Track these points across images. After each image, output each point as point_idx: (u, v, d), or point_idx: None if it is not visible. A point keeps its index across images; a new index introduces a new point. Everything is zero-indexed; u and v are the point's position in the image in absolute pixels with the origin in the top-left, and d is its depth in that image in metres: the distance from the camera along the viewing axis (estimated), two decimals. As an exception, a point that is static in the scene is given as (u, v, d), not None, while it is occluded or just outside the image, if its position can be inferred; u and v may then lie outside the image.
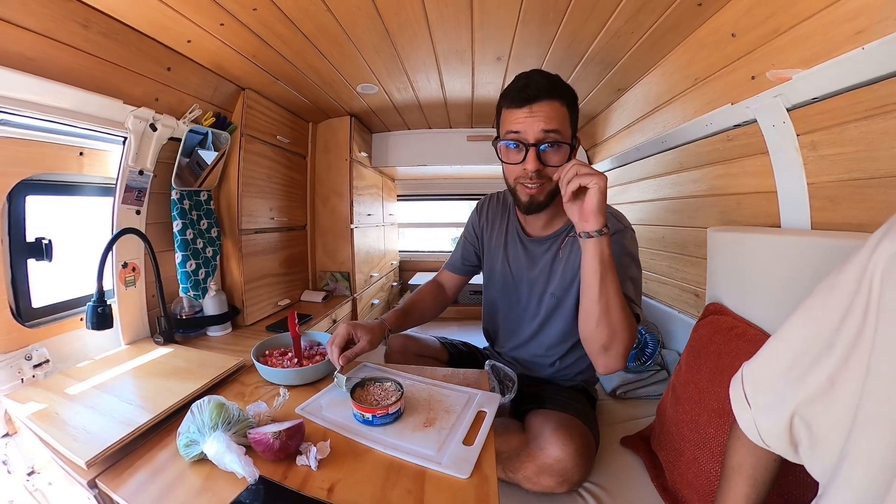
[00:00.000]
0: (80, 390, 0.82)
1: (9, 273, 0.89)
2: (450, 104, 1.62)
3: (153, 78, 1.04)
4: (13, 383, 0.84)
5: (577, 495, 0.83)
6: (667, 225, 1.34)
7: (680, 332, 1.29)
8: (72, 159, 1.00)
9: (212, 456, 0.57)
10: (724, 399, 0.74)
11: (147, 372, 0.93)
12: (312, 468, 0.57)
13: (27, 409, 0.74)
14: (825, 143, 0.78)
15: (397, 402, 0.69)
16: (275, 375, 0.84)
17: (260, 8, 0.89)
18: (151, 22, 0.92)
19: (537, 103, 0.73)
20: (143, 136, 1.04)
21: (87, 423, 0.69)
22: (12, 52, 0.75)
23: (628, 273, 0.79)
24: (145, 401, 0.76)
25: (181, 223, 1.16)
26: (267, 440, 0.58)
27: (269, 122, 1.47)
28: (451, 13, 0.94)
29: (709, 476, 0.73)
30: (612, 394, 1.19)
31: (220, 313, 1.22)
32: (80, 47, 0.85)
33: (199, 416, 0.61)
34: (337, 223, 1.79)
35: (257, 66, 1.18)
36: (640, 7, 0.89)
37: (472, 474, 0.56)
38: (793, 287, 0.76)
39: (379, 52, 1.13)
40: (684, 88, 1.06)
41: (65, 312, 1.02)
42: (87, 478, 0.57)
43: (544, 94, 0.73)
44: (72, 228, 1.09)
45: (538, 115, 0.73)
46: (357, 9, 0.92)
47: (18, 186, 0.89)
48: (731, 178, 1.05)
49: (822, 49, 0.71)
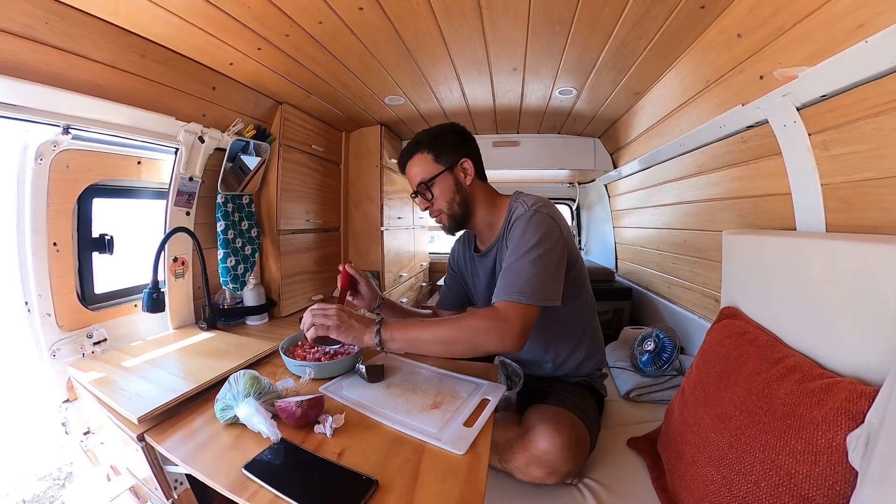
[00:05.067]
0: (133, 364, 0.98)
1: (76, 263, 1.09)
2: (473, 112, 1.76)
3: (200, 96, 1.26)
4: (76, 357, 1.04)
5: (576, 490, 0.89)
6: (688, 229, 1.38)
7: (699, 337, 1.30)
8: (131, 167, 1.23)
9: (242, 417, 0.69)
10: (726, 404, 0.78)
11: (191, 351, 1.11)
12: (328, 435, 0.69)
13: (89, 377, 0.89)
14: (837, 142, 0.80)
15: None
16: (298, 367, 0.92)
17: (292, 34, 1.08)
18: (198, 49, 1.10)
19: (406, 169, 1.06)
20: (193, 147, 1.27)
21: (140, 389, 0.83)
22: (84, 80, 0.95)
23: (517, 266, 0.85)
24: (189, 374, 0.91)
25: (224, 224, 1.38)
26: (290, 408, 0.70)
27: (305, 133, 1.69)
28: (464, 31, 1.08)
29: (705, 480, 0.74)
30: (626, 396, 1.24)
31: (258, 304, 1.42)
32: (139, 73, 1.05)
33: (234, 385, 0.74)
34: (368, 225, 2.00)
35: (292, 83, 1.39)
36: (643, 14, 0.96)
37: (467, 452, 0.65)
38: (807, 292, 0.78)
39: (402, 67, 1.30)
40: (697, 91, 1.12)
41: (121, 299, 1.25)
42: (136, 432, 0.70)
43: (406, 159, 1.05)
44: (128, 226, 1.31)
45: (409, 177, 1.06)
46: (377, 30, 1.08)
47: (87, 190, 1.10)
48: (747, 181, 1.08)
49: (826, 45, 0.73)
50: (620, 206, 2.06)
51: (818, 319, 0.75)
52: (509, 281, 0.84)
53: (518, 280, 0.83)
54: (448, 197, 1.01)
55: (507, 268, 0.87)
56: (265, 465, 0.61)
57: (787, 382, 0.70)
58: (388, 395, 0.85)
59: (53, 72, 0.88)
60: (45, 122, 0.94)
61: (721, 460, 0.72)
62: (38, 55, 0.85)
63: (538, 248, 0.86)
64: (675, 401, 1.01)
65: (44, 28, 0.84)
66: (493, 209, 1.05)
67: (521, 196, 1.00)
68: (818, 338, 0.74)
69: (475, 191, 1.04)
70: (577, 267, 1.03)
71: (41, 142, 0.96)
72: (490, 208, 1.05)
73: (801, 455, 0.60)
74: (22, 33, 0.81)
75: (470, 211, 1.04)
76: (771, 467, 0.63)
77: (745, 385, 0.78)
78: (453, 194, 1.01)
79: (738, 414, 0.74)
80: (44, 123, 0.95)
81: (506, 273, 0.86)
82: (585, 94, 1.46)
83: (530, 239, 0.87)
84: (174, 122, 1.17)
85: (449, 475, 0.60)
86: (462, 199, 1.02)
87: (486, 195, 1.05)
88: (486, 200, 1.05)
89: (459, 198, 1.01)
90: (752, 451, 0.67)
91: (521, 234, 0.89)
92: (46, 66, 0.87)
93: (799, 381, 0.69)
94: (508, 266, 0.87)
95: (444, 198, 1.01)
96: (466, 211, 1.03)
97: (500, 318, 0.80)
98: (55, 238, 1.02)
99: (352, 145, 2.02)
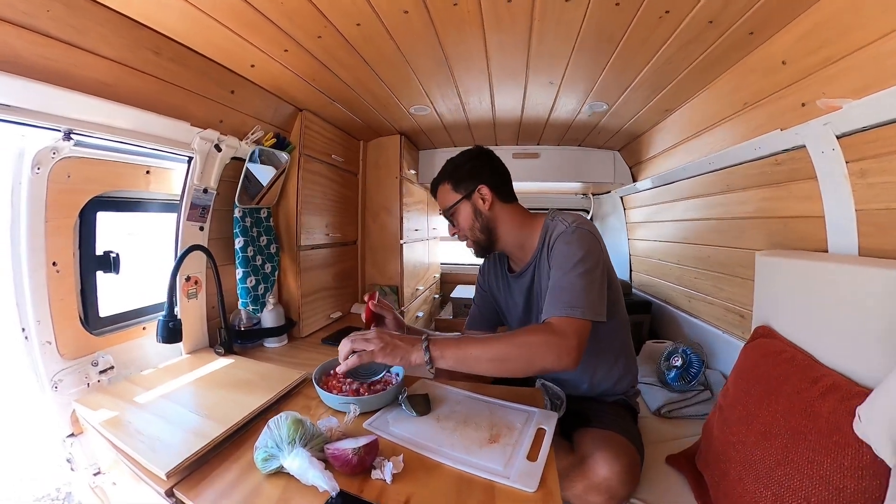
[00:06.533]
0: (147, 399, 0.91)
1: (78, 284, 1.01)
2: (498, 123, 1.75)
3: (218, 101, 1.17)
4: (80, 387, 0.95)
5: None
6: (712, 245, 1.44)
7: (724, 351, 1.37)
8: (139, 177, 1.14)
9: (294, 471, 0.63)
10: (771, 422, 0.81)
11: (211, 382, 1.03)
12: (387, 482, 0.63)
13: (99, 416, 0.82)
14: (875, 170, 0.86)
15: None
16: (342, 404, 0.86)
17: (324, 35, 1.02)
18: (218, 47, 1.03)
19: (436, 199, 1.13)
20: (208, 156, 1.18)
21: (160, 433, 0.76)
22: (89, 79, 0.85)
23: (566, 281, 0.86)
24: (213, 412, 0.83)
25: (243, 240, 1.29)
26: (346, 456, 0.64)
27: (324, 142, 1.62)
28: (508, 42, 1.07)
29: (754, 497, 0.76)
30: (657, 412, 1.28)
31: (277, 326, 1.35)
32: (151, 73, 0.96)
33: (276, 432, 0.67)
34: (386, 238, 1.95)
35: (316, 88, 1.32)
36: (694, 37, 0.99)
37: (538, 488, 0.63)
38: (840, 313, 0.83)
39: (435, 75, 1.26)
40: (733, 112, 1.16)
41: (128, 322, 1.15)
42: (164, 487, 0.63)
43: (433, 190, 1.13)
44: (133, 240, 1.23)
45: (438, 205, 1.13)
46: (418, 36, 1.04)
47: (90, 203, 1.02)
48: (778, 202, 1.14)
49: (874, 79, 0.78)
50: (636, 218, 2.13)
51: (852, 340, 0.80)
52: (560, 296, 0.84)
53: (569, 295, 0.84)
54: (469, 224, 1.05)
55: (554, 284, 0.87)
56: None
57: (828, 400, 0.75)
58: (440, 429, 0.81)
59: (54, 68, 0.79)
60: (44, 126, 0.85)
61: (770, 477, 0.75)
62: (38, 48, 0.75)
63: (584, 263, 0.87)
64: (712, 419, 1.04)
65: (45, 17, 0.74)
66: (523, 229, 1.05)
67: (559, 214, 1.01)
68: (853, 357, 0.79)
69: (498, 214, 1.05)
70: (614, 284, 1.05)
71: (39, 148, 0.86)
72: (519, 229, 1.05)
73: (848, 471, 0.64)
74: (19, 22, 0.71)
75: (494, 235, 1.06)
76: (820, 483, 0.67)
77: (787, 403, 0.82)
78: (473, 221, 1.05)
79: (783, 432, 0.78)
80: (42, 127, 0.85)
81: (554, 289, 0.87)
82: (616, 110, 1.49)
83: (575, 254, 0.88)
84: (189, 128, 1.09)
85: None
86: (483, 225, 1.05)
87: (513, 216, 1.06)
88: (513, 221, 1.06)
89: (480, 224, 1.05)
90: (801, 468, 0.70)
91: (565, 250, 0.90)
92: (46, 60, 0.77)
93: (840, 400, 0.73)
94: (556, 282, 0.87)
95: (466, 225, 1.06)
96: (490, 235, 1.06)
97: (557, 333, 0.80)
98: (55, 257, 0.93)
99: (370, 155, 1.97)
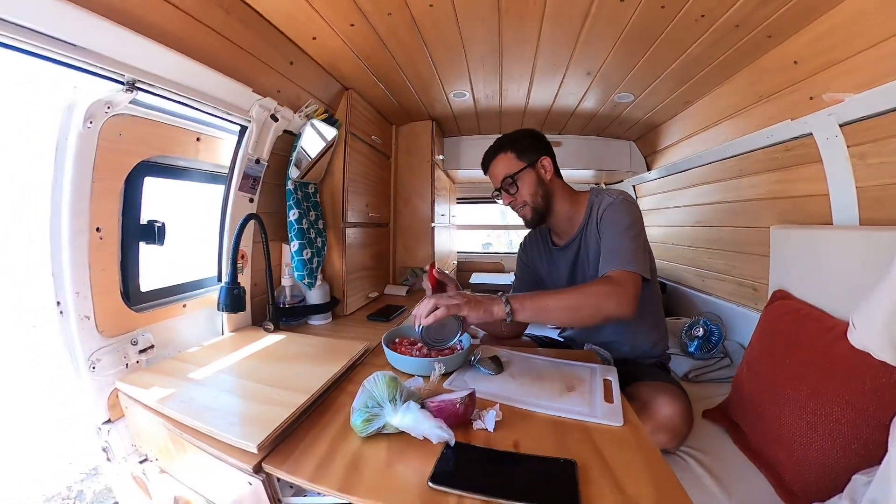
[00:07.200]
0: (205, 375, 0.86)
1: (119, 255, 0.92)
2: (528, 111, 1.86)
3: (278, 70, 1.17)
4: (118, 368, 0.87)
5: (678, 457, 1.01)
6: (726, 226, 1.61)
7: (739, 324, 1.53)
8: (189, 144, 1.09)
9: (406, 425, 0.63)
10: (797, 365, 0.95)
11: (270, 356, 0.99)
12: (490, 430, 0.67)
13: (153, 395, 0.75)
14: (872, 153, 1.03)
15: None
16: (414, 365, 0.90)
17: (395, 13, 1.06)
18: (285, 14, 1.02)
19: (489, 169, 1.19)
20: (264, 125, 1.16)
21: (231, 406, 0.72)
22: (159, 27, 0.77)
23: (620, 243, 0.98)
24: (286, 383, 0.80)
25: (297, 212, 1.29)
26: (454, 406, 0.67)
27: (365, 122, 1.65)
28: (560, 34, 1.17)
29: (792, 429, 0.88)
30: (685, 377, 1.41)
31: (323, 303, 1.35)
32: (219, 30, 0.92)
33: (376, 391, 0.66)
34: (417, 222, 2.00)
35: (367, 67, 1.37)
36: (720, 38, 1.14)
37: (625, 423, 0.71)
38: (846, 273, 0.99)
39: (485, 61, 1.35)
40: (748, 104, 1.34)
41: (170, 297, 1.09)
42: (252, 462, 0.59)
43: (489, 160, 1.18)
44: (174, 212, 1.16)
45: (493, 175, 1.18)
46: (483, 24, 1.13)
47: (139, 167, 0.95)
48: (787, 184, 1.32)
49: (871, 77, 0.95)
50: (648, 205, 2.30)
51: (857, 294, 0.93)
52: (616, 254, 0.96)
53: (625, 253, 0.96)
54: (531, 190, 1.13)
55: (609, 246, 0.99)
56: (452, 474, 0.57)
57: (844, 342, 0.87)
58: (518, 384, 0.88)
59: (123, 7, 0.71)
60: (107, 75, 0.76)
61: (804, 409, 0.88)
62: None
63: (633, 228, 1.00)
64: (741, 373, 1.18)
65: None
66: (572, 204, 1.16)
67: (602, 191, 1.13)
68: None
69: (555, 186, 1.15)
70: (650, 254, 1.16)
71: (93, 100, 0.79)
72: (569, 203, 1.16)
73: (869, 394, 0.78)
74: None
75: (551, 204, 1.15)
76: (846, 406, 0.80)
77: (809, 349, 0.96)
78: (536, 188, 1.13)
79: (809, 371, 0.92)
80: (105, 76, 0.76)
81: (610, 250, 0.99)
82: (639, 101, 1.64)
83: (625, 219, 1.01)
84: (250, 93, 1.06)
85: (624, 446, 0.65)
86: (544, 193, 1.14)
87: (565, 191, 1.17)
88: (564, 195, 1.16)
89: (542, 191, 1.13)
90: (829, 397, 0.83)
91: (616, 218, 1.02)
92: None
93: None
94: (611, 244, 0.99)
95: (528, 191, 1.13)
96: (548, 204, 1.15)
97: (617, 283, 0.91)
98: (99, 222, 0.86)
99: (401, 139, 2.01)
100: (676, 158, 1.85)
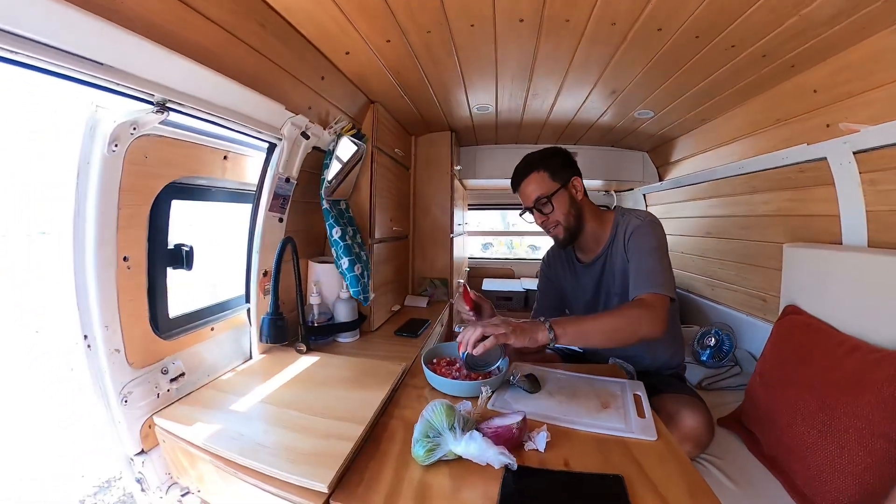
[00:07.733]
0: (247, 406, 0.85)
1: (146, 283, 0.89)
2: (548, 124, 1.86)
3: (310, 85, 1.14)
4: (149, 399, 0.85)
5: (697, 463, 1.09)
6: (737, 238, 1.70)
7: (748, 332, 1.62)
8: (217, 163, 1.06)
9: (471, 453, 0.65)
10: (808, 377, 1.03)
11: (309, 382, 0.98)
12: (541, 450, 0.71)
13: (199, 432, 0.74)
14: (884, 180, 1.12)
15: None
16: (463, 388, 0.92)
17: (435, 32, 1.04)
18: (320, 27, 0.99)
19: (521, 187, 1.19)
20: (295, 143, 1.13)
21: (288, 441, 0.71)
22: (193, 43, 0.75)
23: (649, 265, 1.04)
24: (337, 412, 0.80)
25: (339, 230, 1.27)
26: (510, 432, 0.70)
27: (389, 135, 1.63)
28: (595, 54, 1.18)
29: (804, 437, 0.94)
30: (699, 385, 1.50)
31: (351, 320, 1.33)
32: (255, 46, 0.90)
33: (435, 421, 0.68)
34: (436, 232, 2.01)
35: (395, 82, 1.34)
36: (746, 66, 1.19)
37: (658, 437, 0.76)
38: (854, 292, 1.08)
39: (516, 77, 1.35)
40: (766, 126, 1.39)
41: (198, 321, 1.06)
42: (320, 501, 0.59)
43: (521, 178, 1.18)
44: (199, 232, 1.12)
45: (524, 194, 1.18)
46: (520, 46, 1.12)
47: (166, 189, 0.92)
48: (799, 202, 1.40)
49: (886, 112, 1.02)
50: (659, 214, 2.34)
51: (867, 311, 1.04)
52: (646, 276, 1.02)
53: (654, 276, 1.02)
54: (565, 210, 1.16)
55: (639, 268, 1.05)
56: (517, 497, 0.61)
57: (853, 357, 0.98)
58: (557, 402, 0.92)
59: (156, 22, 0.68)
60: (137, 95, 0.72)
61: (814, 419, 0.96)
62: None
63: (659, 250, 1.07)
64: (753, 383, 1.26)
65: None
66: (599, 223, 1.20)
67: (627, 211, 1.18)
68: (867, 325, 1.03)
69: (585, 206, 1.19)
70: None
71: (119, 122, 0.73)
72: (596, 222, 1.20)
73: (874, 405, 0.85)
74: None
75: (582, 224, 1.18)
76: (854, 417, 0.87)
77: (820, 362, 1.05)
78: (569, 208, 1.16)
79: (819, 384, 1.00)
80: (134, 97, 0.72)
81: (640, 272, 1.04)
82: (659, 117, 1.68)
83: (652, 241, 1.07)
84: (283, 111, 1.04)
85: (661, 459, 0.70)
86: (577, 213, 1.17)
87: (593, 210, 1.21)
88: (592, 214, 1.20)
89: (574, 212, 1.17)
90: (838, 408, 0.91)
91: (644, 238, 1.08)
92: (150, 14, 0.66)
93: (862, 355, 0.96)
94: (640, 266, 1.05)
95: (562, 211, 1.16)
96: (580, 225, 1.18)
97: (649, 306, 0.97)
98: (127, 251, 0.83)
99: (420, 150, 2.00)
100: (689, 171, 1.91)
